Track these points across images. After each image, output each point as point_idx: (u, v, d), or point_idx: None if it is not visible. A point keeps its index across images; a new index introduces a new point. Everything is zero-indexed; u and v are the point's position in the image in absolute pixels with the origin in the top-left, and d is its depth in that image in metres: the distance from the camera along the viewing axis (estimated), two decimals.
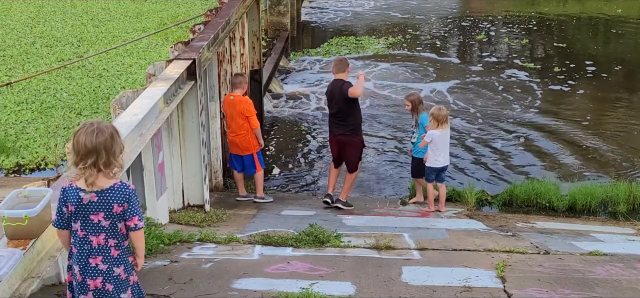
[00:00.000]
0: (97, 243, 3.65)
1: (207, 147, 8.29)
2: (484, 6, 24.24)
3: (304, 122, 12.73)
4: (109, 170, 3.58)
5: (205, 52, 7.87)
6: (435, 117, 8.01)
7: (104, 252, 3.66)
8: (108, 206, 3.61)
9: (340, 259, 5.85)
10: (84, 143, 3.51)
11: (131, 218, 3.66)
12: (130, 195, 3.64)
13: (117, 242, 3.69)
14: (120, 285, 3.72)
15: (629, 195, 8.68)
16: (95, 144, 3.50)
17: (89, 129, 3.54)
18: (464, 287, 5.14)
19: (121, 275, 3.72)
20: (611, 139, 11.53)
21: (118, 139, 3.62)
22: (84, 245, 3.65)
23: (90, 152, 3.51)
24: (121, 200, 3.62)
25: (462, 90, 14.58)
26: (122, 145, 3.67)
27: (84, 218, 3.63)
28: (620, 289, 5.22)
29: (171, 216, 7.20)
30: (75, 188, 3.62)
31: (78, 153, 3.54)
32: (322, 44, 19.05)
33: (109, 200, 3.60)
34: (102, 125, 3.57)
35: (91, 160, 3.52)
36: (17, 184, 6.20)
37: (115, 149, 3.58)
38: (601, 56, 17.54)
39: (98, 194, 3.59)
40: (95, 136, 3.51)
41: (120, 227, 3.68)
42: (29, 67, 13.80)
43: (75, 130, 3.60)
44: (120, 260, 3.71)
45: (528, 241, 6.67)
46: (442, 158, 8.15)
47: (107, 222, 3.64)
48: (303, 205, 8.56)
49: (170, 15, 19.00)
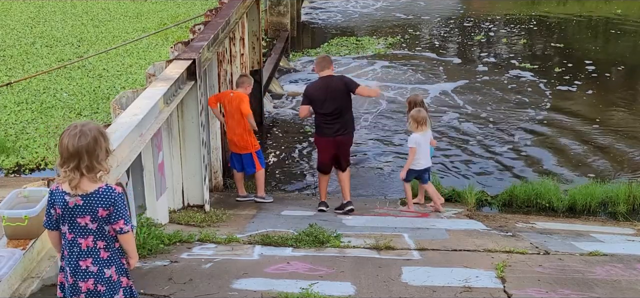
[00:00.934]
0: (86, 246, 3.62)
1: (207, 147, 8.29)
2: (484, 6, 24.23)
3: (304, 122, 12.72)
4: (93, 174, 3.52)
5: (205, 52, 7.87)
6: (415, 120, 7.99)
7: (93, 254, 3.63)
8: (93, 210, 3.56)
9: (340, 259, 5.85)
10: (66, 146, 3.46)
11: (116, 222, 3.61)
12: (115, 199, 3.58)
13: (107, 244, 3.66)
14: (112, 287, 3.69)
15: (628, 195, 8.67)
16: (78, 147, 3.45)
17: (72, 131, 3.48)
18: (463, 287, 5.14)
19: (113, 276, 3.69)
20: (611, 139, 11.53)
21: (103, 142, 3.54)
22: (73, 247, 3.63)
23: (73, 156, 3.46)
24: (106, 204, 3.57)
25: (462, 90, 14.58)
26: (108, 149, 3.59)
27: (71, 221, 3.60)
28: (620, 289, 5.22)
29: (171, 216, 7.20)
30: (61, 191, 3.58)
31: (62, 155, 3.49)
32: (322, 44, 19.05)
33: (93, 204, 3.56)
34: (85, 128, 3.49)
35: (74, 164, 3.47)
36: (17, 184, 6.19)
37: (98, 153, 3.50)
38: (601, 56, 17.55)
39: (83, 198, 3.55)
40: (77, 139, 3.45)
41: (108, 229, 3.64)
42: (29, 67, 13.80)
43: (61, 132, 3.56)
44: (111, 261, 3.68)
45: (528, 241, 6.67)
46: (424, 160, 8.11)
47: (94, 225, 3.60)
48: (303, 206, 8.55)
49: (170, 15, 19.00)
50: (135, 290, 3.92)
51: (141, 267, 5.36)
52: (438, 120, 12.45)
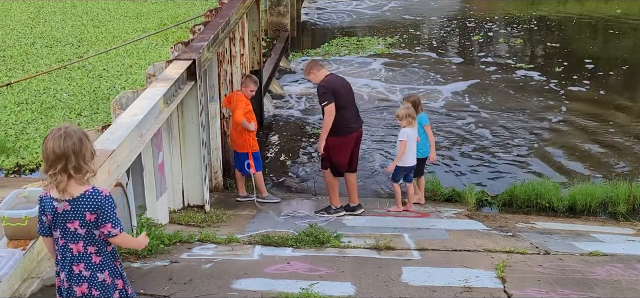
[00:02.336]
0: (77, 251, 3.61)
1: (207, 148, 8.30)
2: (484, 7, 24.23)
3: (304, 122, 12.73)
4: (81, 175, 3.49)
5: (205, 52, 7.87)
6: (404, 116, 8.00)
7: (84, 259, 3.62)
8: (81, 214, 3.54)
9: (340, 259, 5.85)
10: (52, 148, 3.42)
11: (104, 225, 3.57)
12: (102, 202, 3.54)
13: (98, 249, 3.64)
14: (106, 290, 3.68)
15: (629, 195, 8.68)
16: (64, 148, 3.42)
17: (56, 133, 3.45)
18: (464, 287, 5.14)
19: (106, 280, 3.68)
20: (612, 139, 11.53)
21: (88, 143, 3.52)
22: (65, 252, 3.62)
23: (60, 157, 3.43)
24: (93, 208, 3.54)
25: (462, 91, 14.57)
26: (93, 150, 3.57)
27: (62, 227, 3.58)
28: (620, 289, 5.22)
29: (171, 216, 7.21)
30: (49, 197, 3.56)
31: (47, 160, 3.45)
32: (322, 44, 19.04)
33: (81, 208, 3.53)
34: (69, 130, 3.48)
35: (61, 166, 3.43)
36: (17, 184, 6.20)
37: (85, 153, 3.48)
38: (601, 56, 17.53)
39: (70, 203, 3.53)
40: (63, 140, 3.42)
41: (97, 234, 3.61)
42: (29, 67, 13.81)
43: (44, 137, 3.52)
44: (104, 265, 3.67)
45: (528, 241, 6.67)
46: (412, 157, 8.11)
47: (83, 230, 3.58)
48: (303, 206, 8.56)
49: (170, 15, 19.00)
50: (131, 292, 3.90)
51: (141, 267, 5.36)
52: (438, 120, 12.47)
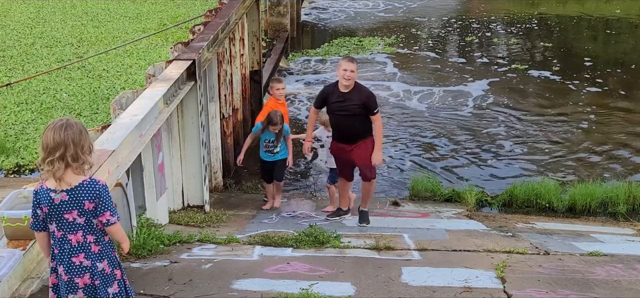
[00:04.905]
0: (77, 241, 3.63)
1: (207, 148, 8.30)
2: (484, 7, 24.23)
3: (304, 122, 12.72)
4: (78, 164, 3.52)
5: (205, 52, 7.88)
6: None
7: (84, 248, 3.64)
8: (79, 203, 3.57)
9: (340, 260, 5.85)
10: (52, 137, 3.48)
11: (102, 214, 3.62)
12: (100, 191, 3.60)
13: (97, 238, 3.67)
14: (106, 280, 3.71)
15: (628, 195, 8.67)
16: (64, 137, 3.47)
17: (57, 123, 3.52)
18: (463, 287, 5.14)
19: (106, 269, 3.71)
20: (612, 139, 11.53)
21: (87, 136, 3.58)
22: (64, 244, 3.63)
23: (59, 145, 3.47)
24: (91, 197, 3.58)
25: (462, 91, 14.58)
26: (91, 144, 3.61)
27: (58, 219, 3.60)
28: (620, 290, 5.22)
29: (171, 217, 7.21)
30: (45, 189, 3.58)
31: (46, 148, 3.50)
32: (322, 45, 19.04)
33: (79, 197, 3.57)
34: (70, 121, 3.55)
35: (59, 153, 3.47)
36: (17, 185, 6.20)
37: (83, 144, 3.53)
38: (601, 56, 17.54)
39: (68, 192, 3.55)
40: (63, 130, 3.48)
41: (95, 223, 3.65)
42: (28, 67, 13.80)
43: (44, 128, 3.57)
44: (103, 255, 3.70)
45: (528, 242, 6.67)
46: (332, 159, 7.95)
47: (82, 219, 3.61)
48: (303, 206, 8.56)
49: (170, 16, 18.99)
50: (129, 285, 3.93)
51: (141, 267, 5.36)
52: (438, 120, 12.47)
